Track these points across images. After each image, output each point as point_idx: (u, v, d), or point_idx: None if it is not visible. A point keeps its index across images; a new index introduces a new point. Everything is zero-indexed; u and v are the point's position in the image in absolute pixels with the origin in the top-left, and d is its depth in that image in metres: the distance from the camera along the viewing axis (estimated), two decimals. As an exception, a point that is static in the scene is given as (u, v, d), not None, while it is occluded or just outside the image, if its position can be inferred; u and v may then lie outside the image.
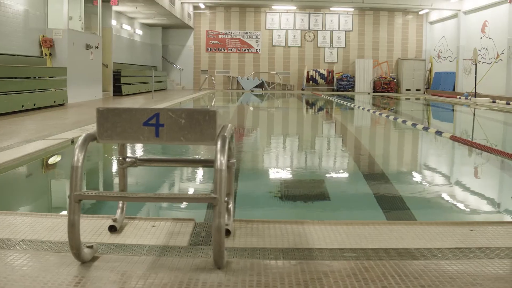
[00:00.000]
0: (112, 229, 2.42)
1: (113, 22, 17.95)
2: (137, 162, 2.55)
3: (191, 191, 4.37)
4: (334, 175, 5.26)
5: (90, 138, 2.05)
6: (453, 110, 16.51)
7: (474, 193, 4.50)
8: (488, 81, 18.88)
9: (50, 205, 4.03)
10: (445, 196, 4.31)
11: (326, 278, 1.89)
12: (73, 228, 1.90)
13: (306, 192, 4.34)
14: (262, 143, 7.72)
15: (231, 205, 2.50)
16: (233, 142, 2.44)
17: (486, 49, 19.28)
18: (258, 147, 7.23)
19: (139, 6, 17.15)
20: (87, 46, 14.09)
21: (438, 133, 7.90)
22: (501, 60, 18.06)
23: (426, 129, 8.63)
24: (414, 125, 9.29)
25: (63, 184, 4.51)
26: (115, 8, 17.72)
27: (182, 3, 20.77)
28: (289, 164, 5.76)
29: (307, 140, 8.15)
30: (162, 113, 2.00)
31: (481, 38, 19.72)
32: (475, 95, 18.01)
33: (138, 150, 6.00)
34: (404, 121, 10.07)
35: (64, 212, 3.21)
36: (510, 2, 17.19)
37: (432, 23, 24.55)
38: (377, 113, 12.78)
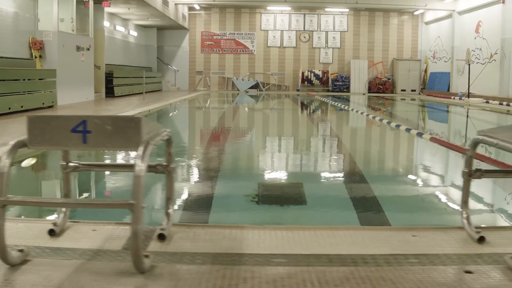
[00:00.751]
0: (52, 232, 2.44)
1: (106, 24, 18.02)
2: (80, 167, 2.58)
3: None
4: (311, 178, 5.27)
5: (19, 144, 2.09)
6: (444, 110, 16.56)
7: (432, 197, 4.49)
8: (482, 82, 18.88)
9: None
10: (401, 199, 4.29)
11: (244, 284, 1.91)
12: (-1, 232, 1.93)
13: (280, 195, 4.34)
14: (241, 145, 7.75)
15: (170, 210, 2.52)
16: (172, 147, 2.47)
17: (480, 49, 19.28)
18: (236, 149, 7.25)
19: (132, 7, 17.19)
20: (78, 48, 14.14)
21: (419, 134, 7.92)
22: (495, 61, 18.06)
23: (408, 130, 8.64)
24: (398, 126, 9.31)
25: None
26: (108, 9, 17.78)
27: (176, 4, 20.81)
28: (264, 167, 5.79)
29: (288, 143, 8.17)
30: (89, 120, 2.04)
31: (475, 38, 19.72)
32: (468, 95, 18.00)
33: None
34: (388, 122, 10.09)
35: None
36: (503, 2, 17.19)
37: (427, 23, 24.55)
38: (365, 114, 12.80)
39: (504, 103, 15.71)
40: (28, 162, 5.52)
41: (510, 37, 17.04)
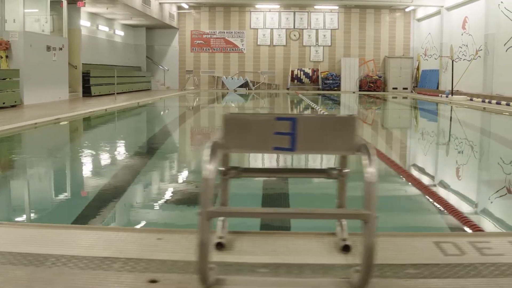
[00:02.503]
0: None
1: (87, 23, 18.15)
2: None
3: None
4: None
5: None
6: (421, 109, 16.31)
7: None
8: (467, 79, 18.42)
9: None
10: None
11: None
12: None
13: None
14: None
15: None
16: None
17: (467, 45, 18.82)
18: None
19: (110, 7, 17.26)
20: (49, 48, 14.25)
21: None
22: (479, 57, 17.60)
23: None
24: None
25: None
26: (89, 9, 17.92)
27: (160, 3, 20.84)
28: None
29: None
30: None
31: (461, 34, 19.26)
32: (452, 92, 17.61)
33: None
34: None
35: None
36: (486, -3, 16.72)
37: (419, 20, 24.08)
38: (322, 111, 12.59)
39: (486, 100, 15.30)
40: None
41: (493, 33, 16.59)
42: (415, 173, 5.40)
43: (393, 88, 23.97)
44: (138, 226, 3.35)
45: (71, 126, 9.63)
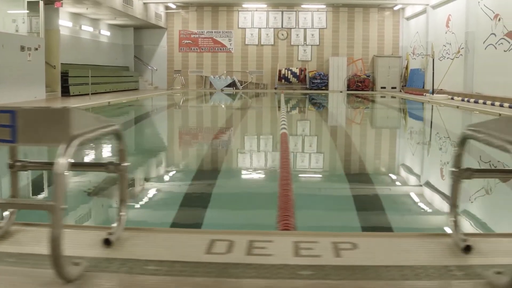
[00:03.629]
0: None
1: (68, 24, 18.25)
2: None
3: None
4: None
5: None
6: (397, 108, 16.24)
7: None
8: (451, 77, 18.20)
9: None
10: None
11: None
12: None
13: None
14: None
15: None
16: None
17: (450, 44, 18.61)
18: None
19: (90, 7, 17.34)
20: (23, 48, 14.35)
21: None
22: (461, 55, 17.38)
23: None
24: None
25: None
26: (71, 10, 18.02)
27: (144, 3, 20.88)
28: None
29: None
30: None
31: (445, 33, 19.06)
32: (433, 91, 17.44)
33: None
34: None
35: None
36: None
37: (408, 18, 23.87)
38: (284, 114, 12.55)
39: (466, 99, 15.13)
40: None
41: (473, 31, 16.38)
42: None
43: (382, 88, 23.78)
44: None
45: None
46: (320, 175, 5.58)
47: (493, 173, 3.58)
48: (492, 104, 12.94)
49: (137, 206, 3.88)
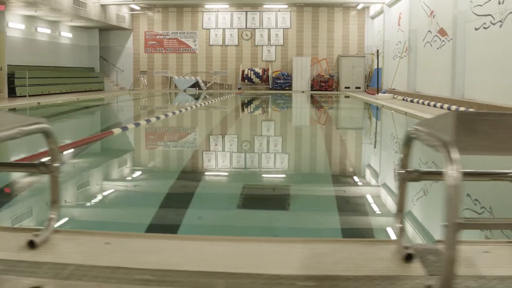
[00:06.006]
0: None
1: (20, 26, 18.50)
2: None
3: None
4: None
5: None
6: (330, 108, 16.14)
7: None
8: (400, 77, 18.02)
9: None
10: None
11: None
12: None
13: None
14: None
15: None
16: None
17: (400, 42, 18.41)
18: None
19: (38, 9, 17.54)
20: (-42, 49, 14.61)
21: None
22: (406, 54, 17.20)
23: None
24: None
25: None
26: (24, 12, 18.25)
27: (102, 5, 21.05)
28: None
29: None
30: None
31: (397, 31, 18.87)
32: (377, 91, 17.30)
33: None
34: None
35: None
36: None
37: (372, 17, 23.68)
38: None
39: (406, 98, 14.96)
40: None
41: (415, 29, 16.20)
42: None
43: (346, 87, 23.62)
44: None
45: None
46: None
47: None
48: (428, 104, 12.67)
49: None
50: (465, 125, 1.63)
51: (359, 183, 4.78)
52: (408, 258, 1.88)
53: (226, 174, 5.23)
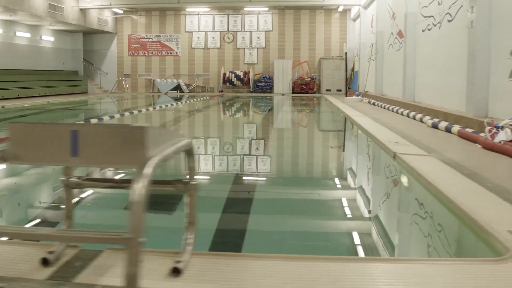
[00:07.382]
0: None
1: (-2, 30, 18.86)
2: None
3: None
4: None
5: None
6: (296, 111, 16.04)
7: None
8: (372, 79, 17.88)
9: None
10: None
11: None
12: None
13: None
14: None
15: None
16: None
17: (373, 45, 18.26)
18: None
19: (13, 14, 17.83)
20: None
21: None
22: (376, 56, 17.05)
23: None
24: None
25: None
26: (1, 17, 18.59)
27: (81, 9, 21.31)
28: None
29: None
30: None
31: (370, 33, 18.73)
32: (346, 94, 17.17)
33: None
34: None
35: None
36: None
37: (354, 20, 23.53)
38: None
39: (373, 102, 14.81)
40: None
41: (382, 31, 16.07)
42: None
43: (327, 90, 23.52)
44: None
45: None
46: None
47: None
48: (388, 108, 12.51)
49: None
50: (18, 135, 1.64)
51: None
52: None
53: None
